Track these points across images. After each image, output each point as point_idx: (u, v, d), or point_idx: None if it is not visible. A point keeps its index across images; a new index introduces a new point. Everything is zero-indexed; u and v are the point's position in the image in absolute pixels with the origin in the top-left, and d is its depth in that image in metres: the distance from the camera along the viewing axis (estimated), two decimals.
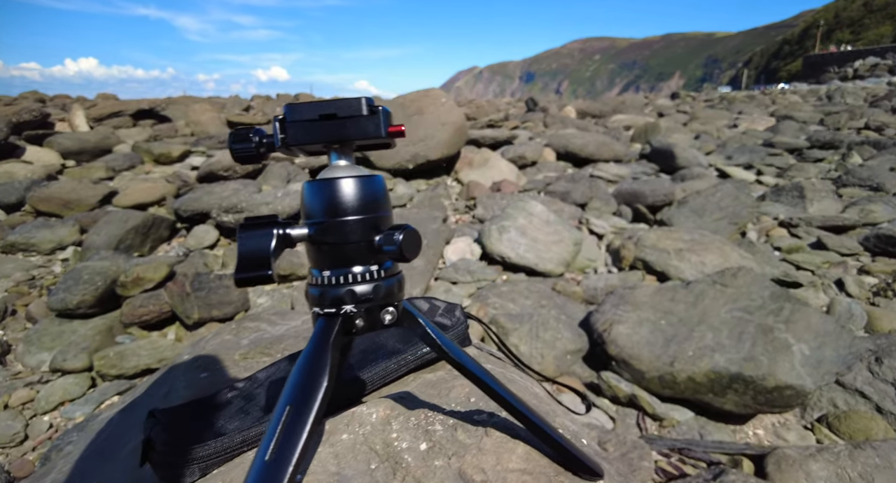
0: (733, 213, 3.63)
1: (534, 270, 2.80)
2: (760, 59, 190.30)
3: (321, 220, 0.37)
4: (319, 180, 0.38)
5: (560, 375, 1.90)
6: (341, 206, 0.37)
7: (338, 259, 0.38)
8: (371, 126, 0.37)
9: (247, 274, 0.35)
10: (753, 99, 16.53)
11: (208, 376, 0.92)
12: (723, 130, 8.19)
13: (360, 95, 0.37)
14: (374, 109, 0.37)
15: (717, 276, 2.13)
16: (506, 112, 12.51)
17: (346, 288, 0.37)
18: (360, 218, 0.37)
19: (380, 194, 0.39)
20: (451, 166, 5.30)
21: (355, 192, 0.37)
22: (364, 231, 0.37)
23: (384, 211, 0.39)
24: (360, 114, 0.37)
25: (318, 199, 0.37)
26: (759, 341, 1.75)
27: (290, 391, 0.34)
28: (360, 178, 0.38)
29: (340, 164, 0.39)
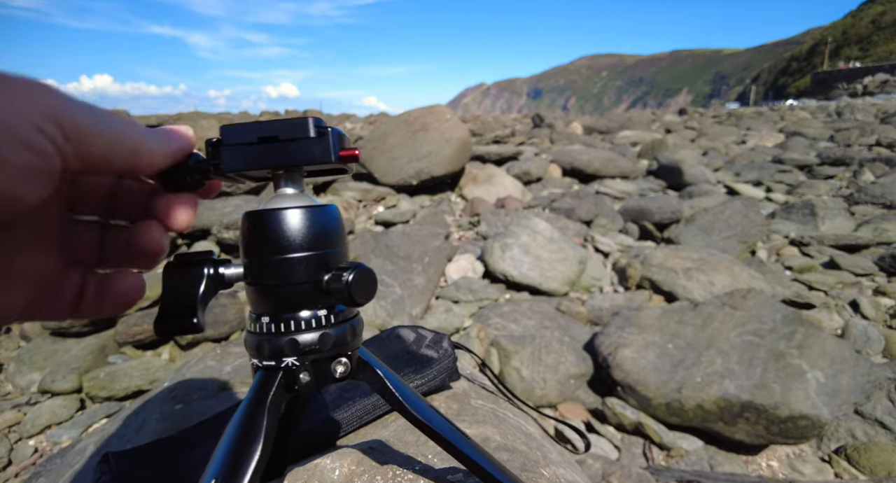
0: (743, 231, 3.56)
1: (537, 289, 2.74)
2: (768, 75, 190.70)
3: (260, 257, 0.32)
4: (258, 211, 0.33)
5: (563, 401, 1.83)
6: (284, 241, 0.32)
7: (279, 303, 0.32)
8: (318, 150, 0.32)
9: (169, 322, 0.30)
10: (762, 115, 16.47)
11: (183, 409, 0.87)
12: (731, 147, 8.12)
13: (306, 116, 0.33)
14: (323, 131, 0.32)
15: (726, 298, 2.05)
16: (512, 128, 12.54)
17: (287, 337, 0.32)
18: (306, 255, 0.32)
19: (331, 227, 0.34)
20: (455, 182, 5.28)
21: (301, 224, 0.32)
22: (310, 270, 0.32)
23: (335, 247, 0.34)
24: (305, 136, 0.32)
25: (257, 232, 0.32)
26: (770, 367, 1.68)
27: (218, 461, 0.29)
28: (307, 208, 0.33)
29: (287, 192, 0.34)
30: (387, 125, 5.31)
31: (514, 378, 1.84)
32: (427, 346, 0.77)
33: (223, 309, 2.21)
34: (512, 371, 1.86)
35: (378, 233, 3.49)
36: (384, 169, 4.95)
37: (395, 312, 2.51)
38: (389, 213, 4.16)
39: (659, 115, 18.01)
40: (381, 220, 4.07)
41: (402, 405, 0.36)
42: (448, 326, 2.30)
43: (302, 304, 0.33)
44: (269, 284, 0.32)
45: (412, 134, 5.00)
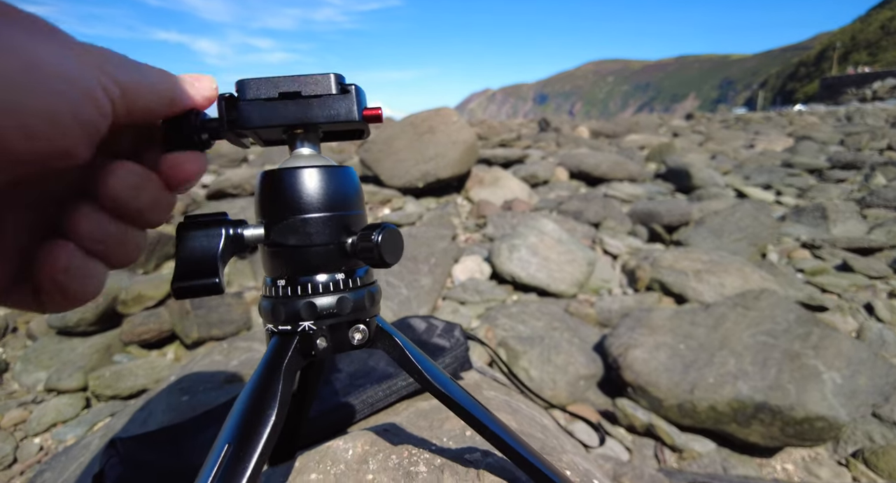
0: (753, 233, 3.52)
1: (545, 291, 2.72)
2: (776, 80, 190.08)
3: (280, 217, 0.31)
4: (278, 169, 0.32)
5: (573, 402, 1.80)
6: (305, 200, 0.31)
7: (298, 265, 0.31)
8: (342, 107, 0.30)
9: (188, 282, 0.28)
10: (770, 120, 16.38)
11: (189, 400, 0.86)
12: (739, 151, 8.07)
13: (329, 72, 0.31)
14: (346, 88, 0.31)
15: (738, 299, 2.02)
16: (518, 132, 12.54)
17: (304, 300, 0.31)
18: (329, 215, 0.31)
19: (352, 189, 0.33)
20: (461, 185, 5.27)
21: (323, 184, 0.31)
22: (333, 231, 0.32)
23: (356, 208, 0.33)
24: (328, 92, 0.31)
25: (278, 192, 0.31)
26: (785, 368, 1.64)
27: (231, 426, 0.28)
28: (327, 168, 0.32)
29: (303, 152, 0.33)
30: (393, 128, 5.32)
31: (523, 378, 1.82)
32: (439, 336, 0.76)
33: (228, 308, 2.20)
34: (521, 371, 1.84)
35: None
36: (390, 171, 4.95)
37: (401, 313, 2.49)
38: (396, 216, 4.15)
39: (666, 120, 17.95)
40: (388, 221, 4.06)
41: (423, 375, 0.34)
42: None
43: (321, 266, 0.32)
44: (289, 245, 0.31)
45: (419, 136, 5.00)
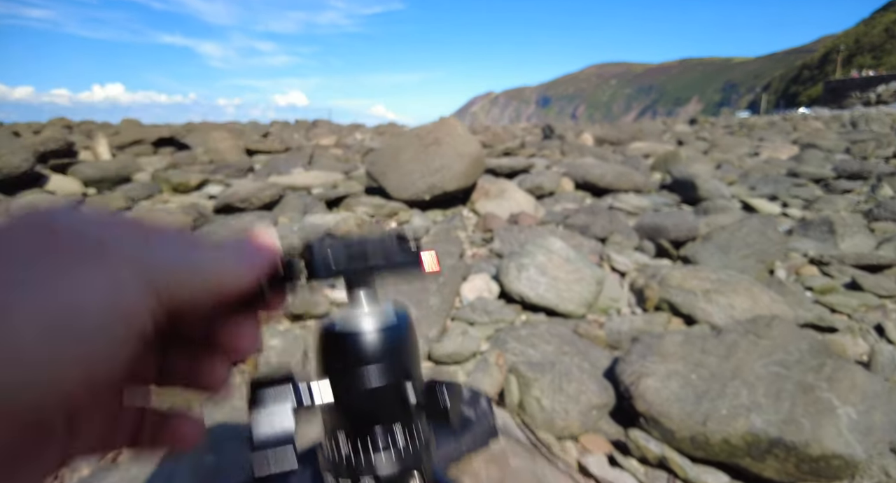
0: (761, 250, 3.51)
1: (554, 311, 2.71)
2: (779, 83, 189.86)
3: (348, 378, 0.32)
4: (343, 332, 0.32)
5: (585, 433, 1.80)
6: (374, 360, 0.31)
7: (363, 422, 0.32)
8: (409, 266, 0.32)
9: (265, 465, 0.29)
10: (774, 125, 16.37)
11: (214, 460, 0.86)
12: (744, 159, 8.07)
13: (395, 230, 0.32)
14: (414, 249, 0.32)
15: (749, 325, 2.02)
16: (522, 139, 12.56)
17: (366, 456, 0.31)
18: (395, 376, 0.32)
19: (412, 339, 0.34)
20: (467, 197, 5.28)
21: (389, 343, 0.32)
22: (398, 391, 0.32)
23: (416, 357, 0.34)
24: (395, 253, 0.32)
25: (346, 352, 0.32)
26: (799, 401, 1.64)
27: None
28: (394, 324, 0.33)
29: (364, 302, 0.33)
30: (399, 140, 5.34)
31: (535, 408, 1.82)
32: (465, 405, 0.76)
33: None
34: (532, 401, 1.84)
35: None
36: (396, 183, 4.96)
37: None
38: (402, 229, 4.16)
39: (670, 125, 17.96)
40: None
41: None
42: (464, 351, 2.28)
43: (384, 422, 0.32)
44: (355, 404, 0.31)
45: (424, 148, 5.02)
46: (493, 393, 1.98)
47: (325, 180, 6.03)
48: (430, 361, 2.33)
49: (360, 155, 9.46)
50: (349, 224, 3.93)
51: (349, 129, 18.92)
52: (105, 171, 6.31)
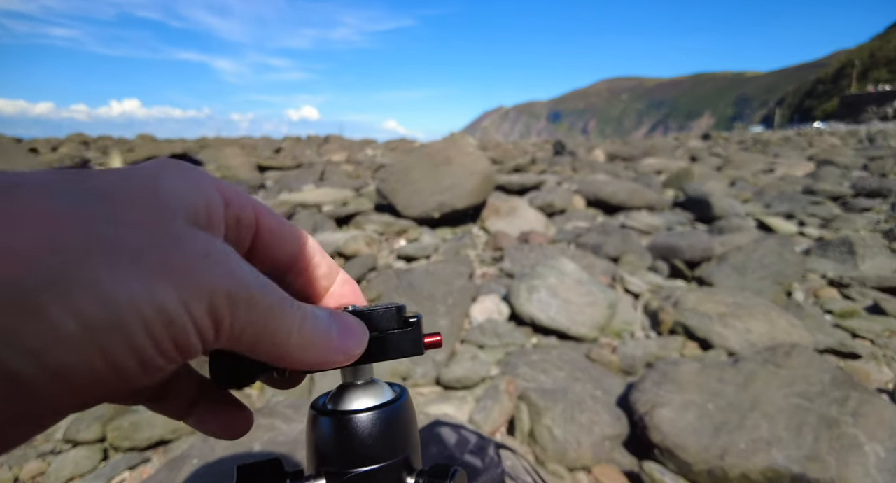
0: (777, 271, 3.43)
1: (566, 334, 2.66)
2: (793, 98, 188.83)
3: (344, 469, 0.29)
4: (339, 414, 0.29)
5: (598, 463, 1.74)
6: (372, 449, 0.29)
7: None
8: (409, 344, 0.29)
9: None
10: (789, 141, 16.21)
11: None
12: (759, 176, 7.97)
13: (392, 304, 0.30)
14: (412, 323, 0.29)
15: (768, 354, 1.95)
16: (532, 155, 12.57)
17: None
18: (395, 461, 0.29)
19: (412, 422, 0.31)
20: (477, 214, 5.26)
21: (389, 426, 0.29)
22: (397, 477, 0.30)
23: (415, 441, 0.31)
24: (394, 328, 0.29)
25: (340, 440, 0.29)
26: (822, 436, 1.57)
27: None
28: (392, 406, 0.30)
29: (360, 383, 0.31)
30: (410, 158, 5.35)
31: (546, 438, 1.77)
32: (471, 453, 0.73)
33: None
34: (544, 430, 1.79)
35: (401, 270, 3.47)
36: (406, 201, 4.96)
37: (418, 359, 2.46)
38: (411, 248, 4.14)
39: (683, 140, 17.87)
40: (403, 254, 4.05)
41: None
42: (474, 375, 2.24)
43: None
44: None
45: (435, 167, 5.02)
46: (504, 421, 1.93)
47: (336, 197, 6.05)
48: (439, 386, 2.29)
49: (370, 171, 9.51)
50: (358, 242, 3.92)
51: (360, 144, 19.10)
52: None
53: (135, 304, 0.16)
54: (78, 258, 0.16)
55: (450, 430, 0.77)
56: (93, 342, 0.16)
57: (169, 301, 0.17)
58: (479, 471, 0.70)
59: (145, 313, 0.16)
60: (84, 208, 0.17)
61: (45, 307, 0.15)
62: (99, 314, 0.16)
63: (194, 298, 0.18)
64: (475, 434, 0.76)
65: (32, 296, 0.15)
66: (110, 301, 0.16)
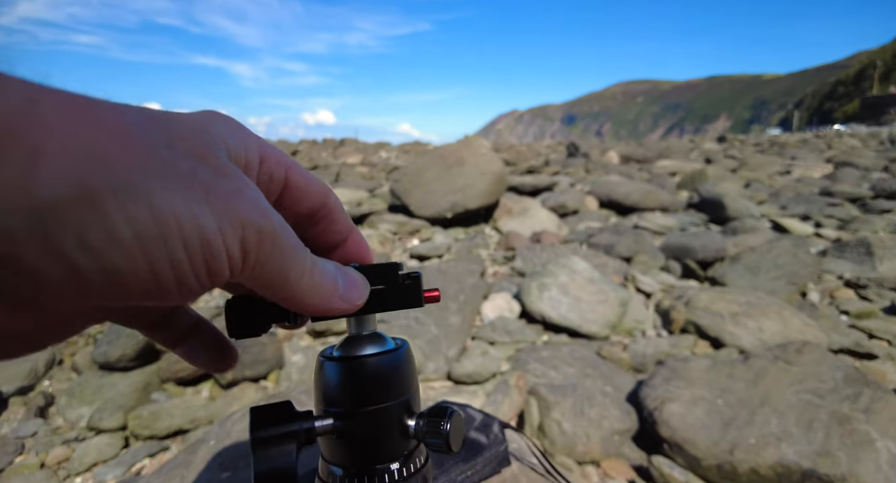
0: (791, 272, 3.40)
1: (577, 332, 2.67)
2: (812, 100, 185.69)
3: (350, 409, 0.31)
4: (346, 359, 0.32)
5: (607, 458, 1.75)
6: (376, 390, 0.31)
7: (364, 454, 0.32)
8: (410, 296, 0.32)
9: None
10: (807, 143, 15.95)
11: (230, 478, 0.87)
12: (775, 178, 7.87)
13: (392, 262, 0.32)
14: (413, 278, 0.32)
15: (779, 352, 1.95)
16: (546, 157, 12.55)
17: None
18: (396, 402, 0.32)
19: (412, 369, 0.34)
20: (489, 215, 5.28)
21: (391, 371, 0.32)
22: (399, 418, 0.32)
23: (415, 388, 0.34)
24: (396, 283, 0.32)
25: (347, 382, 0.32)
26: (833, 432, 1.56)
27: None
28: (394, 353, 0.32)
29: (364, 333, 0.33)
30: (423, 159, 5.40)
31: (555, 431, 1.78)
32: (476, 429, 0.75)
33: (262, 348, 2.24)
34: (553, 423, 1.80)
35: (414, 268, 3.50)
36: (419, 202, 5.00)
37: (430, 353, 2.49)
38: (424, 247, 4.18)
39: (698, 143, 17.69)
40: (416, 253, 4.09)
41: None
42: (484, 371, 2.26)
43: (388, 454, 0.32)
44: (357, 436, 0.31)
45: (448, 168, 5.06)
46: (513, 415, 1.95)
47: (351, 198, 6.12)
48: (450, 381, 2.32)
49: (385, 173, 9.59)
50: (372, 241, 3.97)
51: (375, 147, 19.22)
52: None
53: (179, 222, 0.18)
54: (139, 173, 0.17)
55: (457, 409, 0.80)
56: (141, 249, 0.17)
57: (208, 224, 0.19)
58: (484, 446, 0.72)
59: (186, 231, 0.18)
60: (148, 132, 0.19)
61: (110, 212, 0.16)
62: (149, 226, 0.17)
63: (230, 226, 0.20)
64: (481, 413, 0.78)
65: (101, 199, 0.16)
66: (160, 215, 0.17)
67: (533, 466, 0.84)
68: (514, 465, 0.79)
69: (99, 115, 0.17)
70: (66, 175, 0.15)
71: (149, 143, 0.18)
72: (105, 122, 0.17)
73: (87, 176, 0.16)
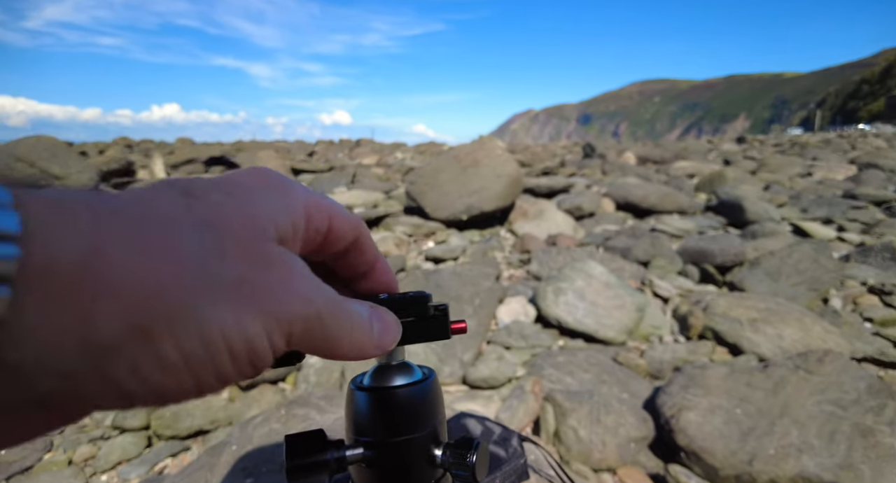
0: (812, 277, 3.34)
1: (593, 337, 2.66)
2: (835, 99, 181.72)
3: (380, 439, 0.32)
4: (376, 389, 0.33)
5: (623, 465, 1.75)
6: (405, 421, 0.32)
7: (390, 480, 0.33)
8: (437, 329, 0.33)
9: None
10: (829, 143, 15.61)
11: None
12: (795, 180, 7.72)
13: (420, 292, 0.33)
14: (441, 311, 0.33)
15: (799, 360, 1.92)
16: (562, 158, 12.47)
17: None
18: (424, 433, 0.33)
19: (439, 399, 0.35)
20: (505, 217, 5.28)
21: (419, 401, 0.33)
22: (426, 448, 0.33)
23: (442, 417, 0.35)
24: (425, 316, 0.32)
25: (377, 413, 0.33)
26: (857, 445, 1.54)
27: None
28: (422, 384, 0.33)
29: (393, 363, 0.34)
30: (438, 160, 5.41)
31: (571, 438, 1.78)
32: (495, 443, 0.76)
33: None
34: (569, 430, 1.80)
35: (429, 271, 3.52)
36: (435, 204, 5.02)
37: (445, 358, 2.50)
38: (439, 249, 4.19)
39: (716, 143, 17.43)
40: (431, 255, 4.10)
41: None
42: (500, 376, 2.27)
43: (413, 479, 0.33)
44: (388, 466, 0.32)
45: (463, 170, 5.07)
46: (529, 421, 1.95)
47: (367, 200, 6.17)
48: (465, 385, 2.33)
49: (400, 174, 9.63)
50: (388, 244, 4.00)
51: (391, 147, 19.29)
52: None
53: (226, 337, 0.19)
54: (191, 298, 0.18)
55: (475, 422, 0.80)
56: (189, 370, 0.18)
57: (254, 331, 0.20)
58: (503, 460, 0.73)
59: (234, 345, 0.19)
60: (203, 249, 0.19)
61: (159, 340, 0.17)
62: (198, 349, 0.18)
63: (276, 327, 0.21)
64: (500, 426, 0.79)
65: (153, 332, 0.17)
66: (208, 336, 0.18)
67: (551, 479, 0.84)
68: (533, 477, 0.80)
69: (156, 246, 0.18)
70: (121, 316, 0.16)
71: (201, 263, 0.19)
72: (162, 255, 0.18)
73: (140, 313, 0.17)
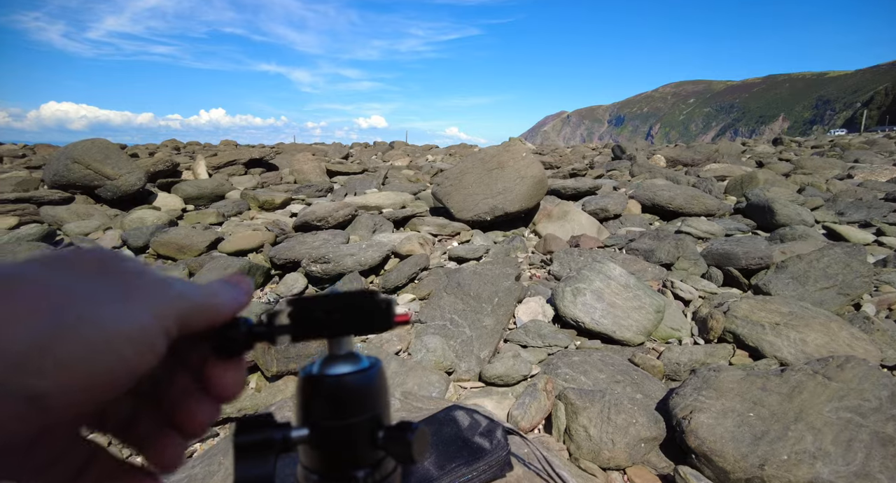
0: (843, 282, 3.25)
1: (610, 338, 2.67)
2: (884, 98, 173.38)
3: (324, 422, 0.35)
4: (322, 376, 0.36)
5: (632, 465, 1.76)
6: (349, 405, 0.35)
7: (335, 462, 0.36)
8: (380, 321, 0.36)
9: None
10: (874, 144, 14.95)
11: None
12: (833, 182, 7.46)
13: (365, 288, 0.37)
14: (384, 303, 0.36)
15: (818, 365, 1.90)
16: (591, 160, 12.35)
17: None
18: (364, 418, 0.36)
19: (384, 386, 0.38)
20: (529, 218, 5.29)
21: (364, 387, 0.36)
22: (368, 431, 0.36)
23: (385, 401, 0.38)
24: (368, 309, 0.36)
25: (322, 397, 0.36)
26: (875, 454, 1.52)
27: None
28: (367, 371, 0.36)
29: (341, 352, 0.37)
30: (464, 163, 5.47)
31: (581, 436, 1.81)
32: (481, 435, 0.80)
33: (307, 343, 2.37)
34: (579, 428, 1.83)
35: (450, 270, 3.58)
36: (460, 205, 5.08)
37: (463, 354, 2.55)
38: (462, 249, 4.24)
39: (751, 145, 16.93)
40: (455, 255, 4.16)
41: None
42: (515, 373, 2.30)
43: (357, 463, 0.36)
44: (330, 445, 0.35)
45: (488, 172, 5.11)
46: (541, 419, 1.99)
47: (396, 201, 6.27)
48: (481, 382, 2.38)
49: (429, 176, 9.74)
50: (413, 243, 4.07)
51: (422, 150, 19.46)
52: (202, 190, 6.98)
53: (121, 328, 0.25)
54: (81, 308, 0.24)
55: (464, 413, 0.85)
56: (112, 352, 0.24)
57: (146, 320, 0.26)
58: (487, 451, 0.78)
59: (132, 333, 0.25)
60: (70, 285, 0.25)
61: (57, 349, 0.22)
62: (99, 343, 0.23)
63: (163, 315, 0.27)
64: (486, 418, 0.84)
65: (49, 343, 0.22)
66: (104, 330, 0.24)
67: (538, 472, 0.89)
68: (520, 469, 0.85)
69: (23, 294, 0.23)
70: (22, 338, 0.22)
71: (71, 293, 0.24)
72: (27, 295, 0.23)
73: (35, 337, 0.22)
